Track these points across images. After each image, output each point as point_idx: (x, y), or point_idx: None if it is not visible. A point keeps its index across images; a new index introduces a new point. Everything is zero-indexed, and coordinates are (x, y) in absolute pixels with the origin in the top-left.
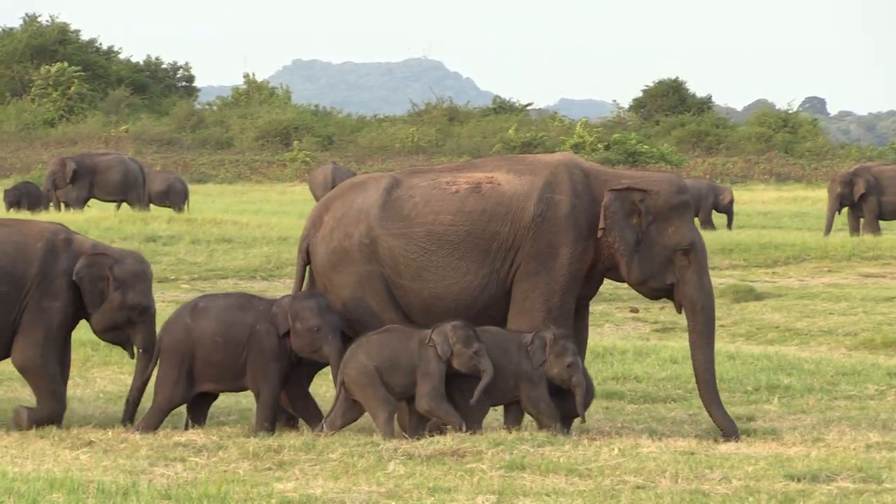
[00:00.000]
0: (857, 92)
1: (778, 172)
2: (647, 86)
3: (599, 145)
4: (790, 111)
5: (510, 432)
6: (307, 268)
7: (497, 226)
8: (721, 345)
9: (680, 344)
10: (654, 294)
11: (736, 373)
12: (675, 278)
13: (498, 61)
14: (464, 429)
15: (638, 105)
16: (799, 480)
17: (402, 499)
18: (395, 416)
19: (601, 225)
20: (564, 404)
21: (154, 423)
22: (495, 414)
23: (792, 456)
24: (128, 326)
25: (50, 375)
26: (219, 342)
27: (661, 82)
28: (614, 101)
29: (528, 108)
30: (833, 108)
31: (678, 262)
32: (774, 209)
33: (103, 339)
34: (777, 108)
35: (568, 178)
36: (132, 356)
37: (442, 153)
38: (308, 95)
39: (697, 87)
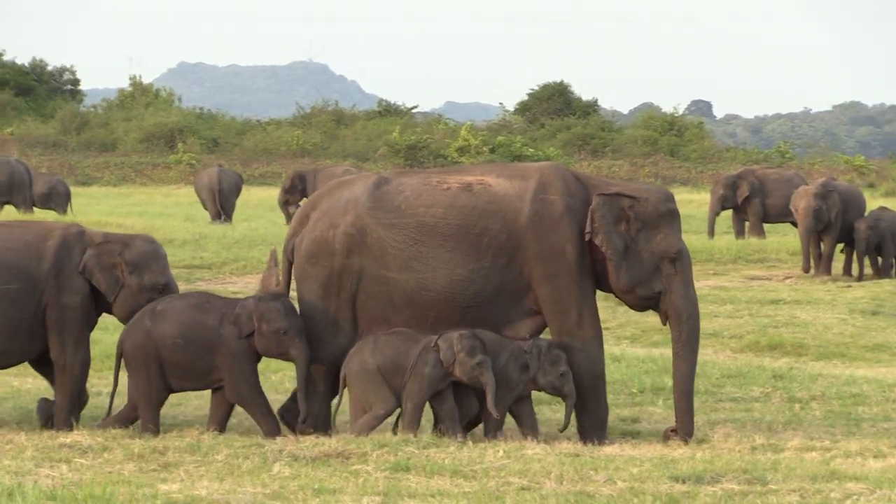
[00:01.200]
0: (744, 95)
1: (664, 175)
2: (532, 89)
3: (485, 148)
4: (676, 114)
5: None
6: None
7: (488, 222)
8: (605, 347)
9: None
10: (641, 303)
11: (621, 375)
12: (662, 286)
13: (383, 64)
14: (412, 436)
15: (523, 108)
16: (684, 482)
17: (287, 500)
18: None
19: (587, 228)
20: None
21: (152, 427)
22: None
23: (677, 458)
24: None
25: (77, 376)
26: (179, 343)
27: (546, 85)
28: (500, 104)
29: (414, 111)
30: (719, 112)
31: (665, 271)
32: None
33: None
34: (663, 111)
35: (560, 180)
36: None
37: (327, 156)
38: (193, 98)
39: (583, 91)
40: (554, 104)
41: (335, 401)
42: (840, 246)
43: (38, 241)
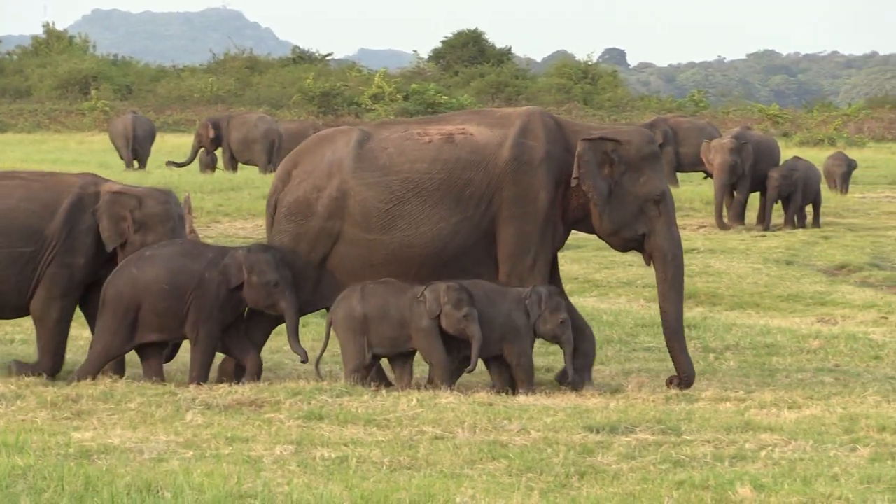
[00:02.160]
0: (657, 44)
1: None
2: (446, 36)
3: (398, 96)
4: (590, 63)
5: (489, 392)
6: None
7: (471, 173)
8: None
9: None
10: (625, 245)
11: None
12: (646, 228)
13: (298, 11)
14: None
15: (438, 56)
16: (598, 432)
17: (200, 448)
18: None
19: (575, 174)
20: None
21: (93, 372)
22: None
23: (591, 407)
24: None
25: (57, 332)
26: (165, 290)
27: (460, 33)
28: (414, 51)
29: (328, 58)
30: (633, 60)
31: (649, 213)
32: None
33: None
34: (577, 59)
35: (541, 126)
36: None
37: (241, 103)
38: (107, 45)
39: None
40: (468, 52)
41: (320, 347)
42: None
43: (55, 199)
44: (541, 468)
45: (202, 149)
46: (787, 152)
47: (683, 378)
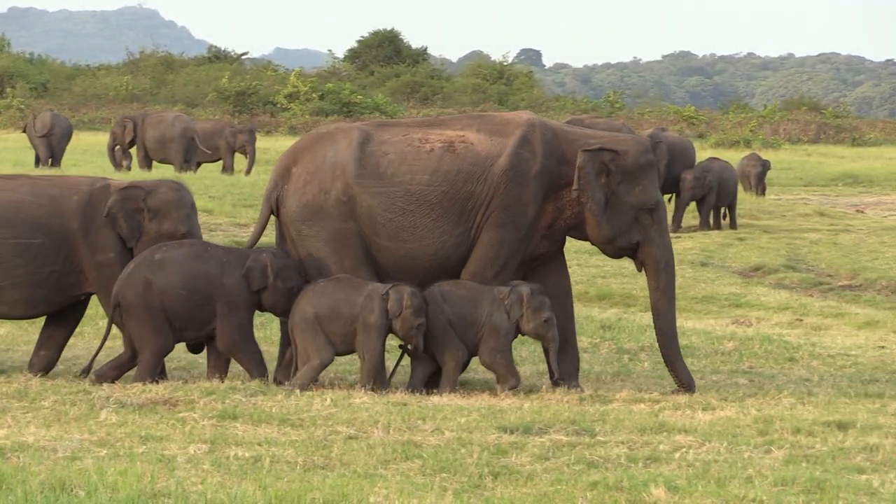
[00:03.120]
0: (573, 44)
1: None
2: (362, 36)
3: (314, 95)
4: (506, 63)
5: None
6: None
7: (473, 186)
8: None
9: None
10: (618, 253)
11: None
12: (640, 237)
13: (214, 10)
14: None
15: (353, 55)
16: (512, 432)
17: (113, 447)
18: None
19: (575, 186)
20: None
21: (151, 376)
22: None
23: (505, 408)
24: None
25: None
26: (182, 294)
27: (376, 33)
28: (329, 51)
29: (244, 57)
30: (549, 61)
31: (643, 221)
32: None
33: None
34: (493, 59)
35: (539, 138)
36: None
37: (156, 102)
38: (23, 43)
39: (413, 38)
40: (384, 51)
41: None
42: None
43: (64, 195)
44: (454, 468)
45: (117, 147)
46: (702, 154)
47: (683, 386)
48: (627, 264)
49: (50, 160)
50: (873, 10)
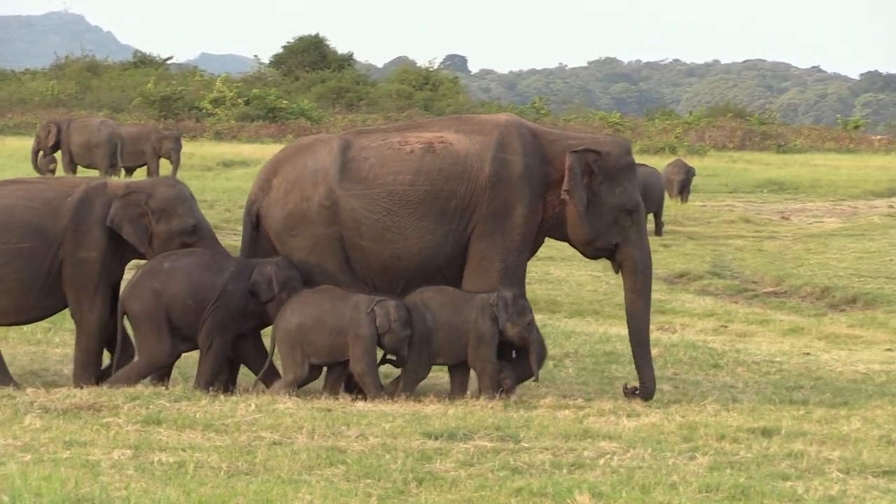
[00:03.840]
0: (499, 50)
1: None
2: (288, 42)
3: (239, 100)
4: (431, 69)
5: (453, 398)
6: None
7: (454, 185)
8: None
9: None
10: (597, 254)
11: None
12: (619, 238)
13: (139, 15)
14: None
15: (279, 61)
16: (436, 438)
17: (38, 452)
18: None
19: (565, 186)
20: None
21: (133, 381)
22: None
23: (430, 414)
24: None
25: (93, 332)
26: (190, 305)
27: (301, 38)
28: (255, 56)
29: (169, 62)
30: (474, 66)
31: (623, 223)
32: None
33: None
34: (418, 65)
35: (518, 138)
36: None
37: (81, 106)
38: None
39: (338, 44)
40: (309, 57)
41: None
42: None
43: (59, 198)
44: (379, 474)
45: (41, 151)
46: None
47: (643, 389)
48: (553, 270)
49: None
50: (799, 17)
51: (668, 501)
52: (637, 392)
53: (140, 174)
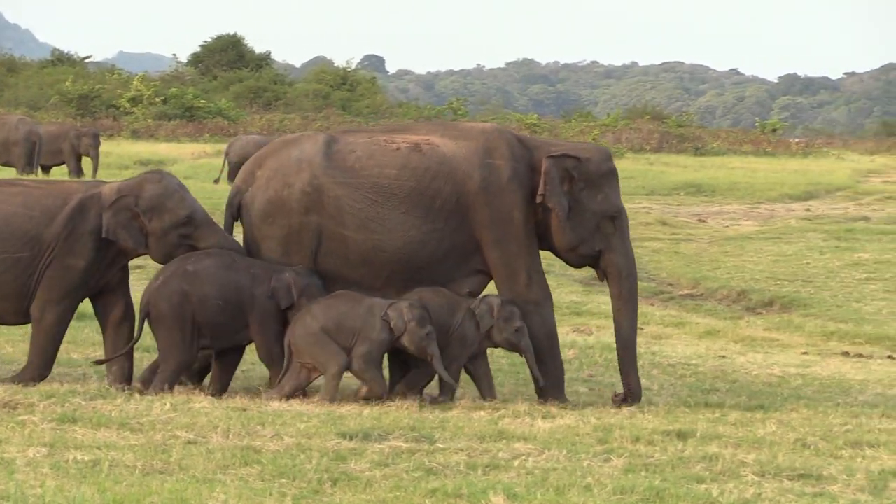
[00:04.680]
0: (416, 51)
1: (336, 130)
2: (206, 41)
3: (157, 99)
4: (349, 69)
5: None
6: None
7: (440, 184)
8: None
9: None
10: (581, 261)
11: None
12: (602, 245)
13: (58, 13)
14: (384, 398)
15: (197, 60)
16: (351, 438)
17: None
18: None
19: (541, 191)
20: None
21: (169, 387)
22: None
23: (344, 414)
24: (184, 241)
25: (51, 337)
26: (219, 305)
27: (219, 38)
28: (173, 55)
29: (87, 60)
30: (392, 67)
31: (606, 229)
32: None
33: None
34: (336, 65)
35: (505, 144)
36: None
37: None
38: None
39: (256, 44)
40: (227, 56)
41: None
42: None
43: (56, 205)
44: (293, 474)
45: None
46: None
47: (630, 395)
48: None
49: None
50: (717, 19)
51: (582, 503)
52: (624, 399)
53: (59, 173)
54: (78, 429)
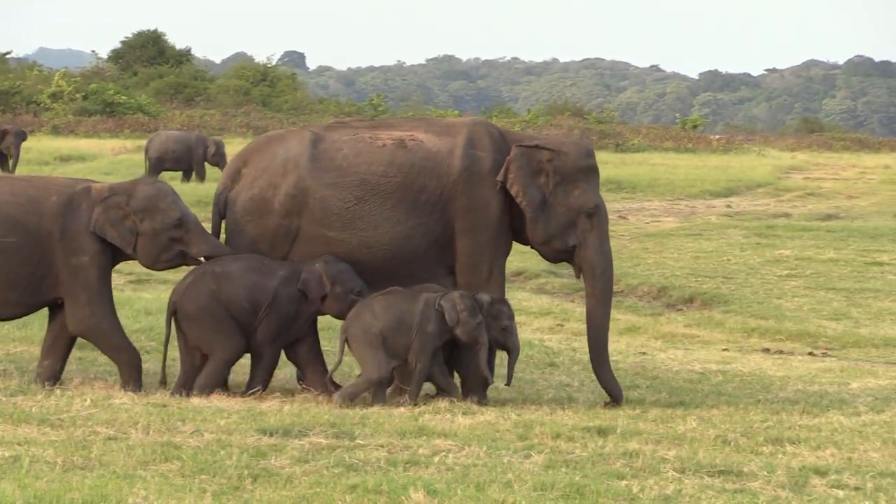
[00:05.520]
0: (337, 47)
1: (256, 126)
2: (126, 37)
3: (77, 95)
4: (269, 65)
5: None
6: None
7: (425, 179)
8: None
9: (155, 295)
10: (556, 256)
11: (149, 324)
12: (577, 241)
13: None
14: (455, 394)
15: (117, 56)
16: (272, 435)
17: None
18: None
19: (500, 178)
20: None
21: (218, 384)
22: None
23: (265, 410)
24: (174, 245)
25: (109, 332)
26: (245, 307)
27: (140, 33)
28: (93, 51)
29: (7, 56)
30: (312, 63)
31: (581, 226)
32: None
33: (160, 269)
34: (256, 61)
35: (487, 136)
36: None
37: None
38: None
39: (177, 39)
40: (147, 52)
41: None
42: None
43: (42, 196)
44: (214, 470)
45: None
46: None
47: (612, 396)
48: None
49: None
50: (638, 15)
51: (503, 499)
52: (608, 403)
53: None
54: None
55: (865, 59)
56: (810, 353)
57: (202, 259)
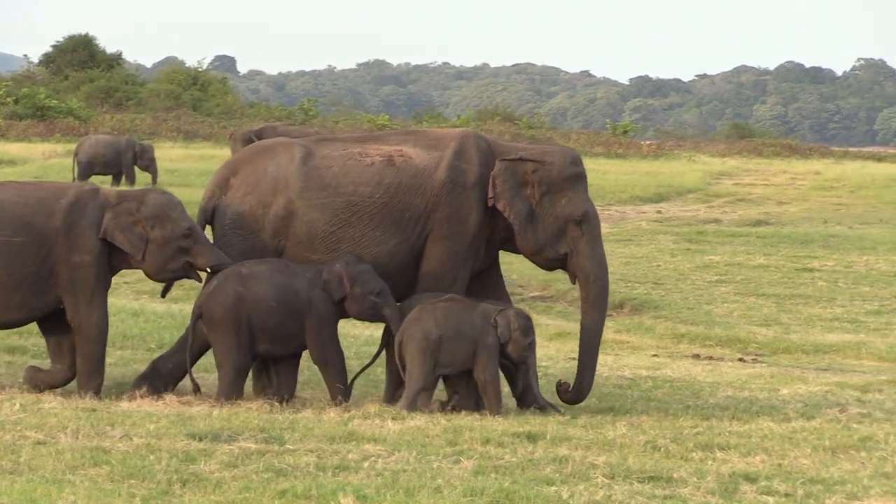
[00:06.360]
0: (268, 52)
1: (186, 130)
2: (57, 41)
3: (9, 99)
4: (200, 69)
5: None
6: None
7: (410, 197)
8: (125, 301)
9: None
10: (549, 264)
11: (140, 330)
12: (568, 248)
13: None
14: (495, 413)
15: (48, 60)
16: (201, 439)
17: None
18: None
19: (490, 194)
20: None
21: (235, 393)
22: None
23: (194, 415)
24: (182, 255)
25: (94, 338)
26: (273, 307)
27: (71, 37)
28: (24, 55)
29: None
30: (243, 67)
31: (571, 233)
32: (182, 167)
33: (164, 280)
34: (187, 65)
35: (475, 149)
36: (200, 280)
37: None
38: None
39: (108, 43)
40: (78, 56)
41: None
42: None
43: (51, 198)
44: (143, 475)
45: None
46: None
47: (575, 392)
48: None
49: None
50: (569, 20)
51: None
52: (568, 391)
53: None
54: None
55: (796, 65)
56: (740, 359)
57: (207, 270)
